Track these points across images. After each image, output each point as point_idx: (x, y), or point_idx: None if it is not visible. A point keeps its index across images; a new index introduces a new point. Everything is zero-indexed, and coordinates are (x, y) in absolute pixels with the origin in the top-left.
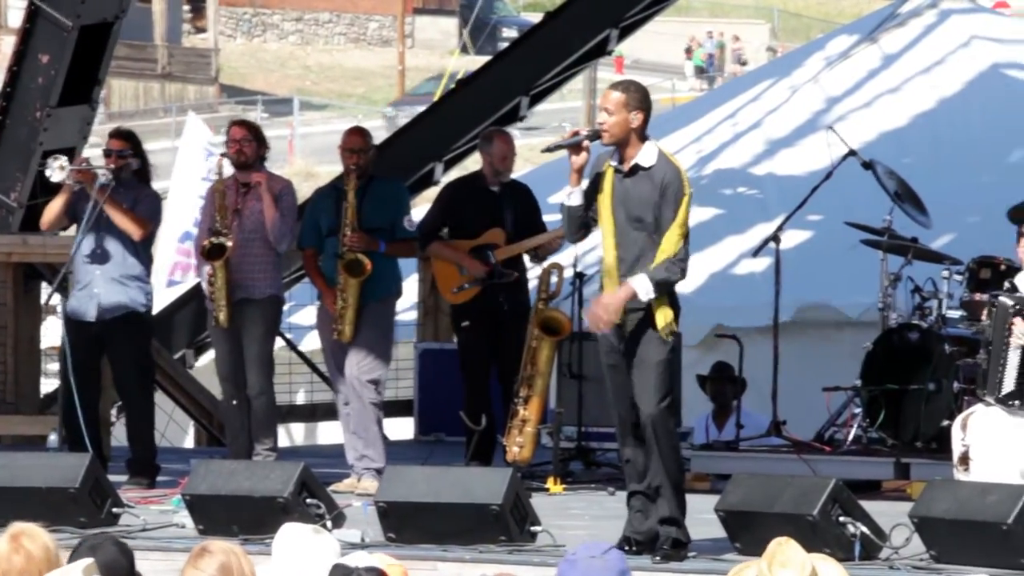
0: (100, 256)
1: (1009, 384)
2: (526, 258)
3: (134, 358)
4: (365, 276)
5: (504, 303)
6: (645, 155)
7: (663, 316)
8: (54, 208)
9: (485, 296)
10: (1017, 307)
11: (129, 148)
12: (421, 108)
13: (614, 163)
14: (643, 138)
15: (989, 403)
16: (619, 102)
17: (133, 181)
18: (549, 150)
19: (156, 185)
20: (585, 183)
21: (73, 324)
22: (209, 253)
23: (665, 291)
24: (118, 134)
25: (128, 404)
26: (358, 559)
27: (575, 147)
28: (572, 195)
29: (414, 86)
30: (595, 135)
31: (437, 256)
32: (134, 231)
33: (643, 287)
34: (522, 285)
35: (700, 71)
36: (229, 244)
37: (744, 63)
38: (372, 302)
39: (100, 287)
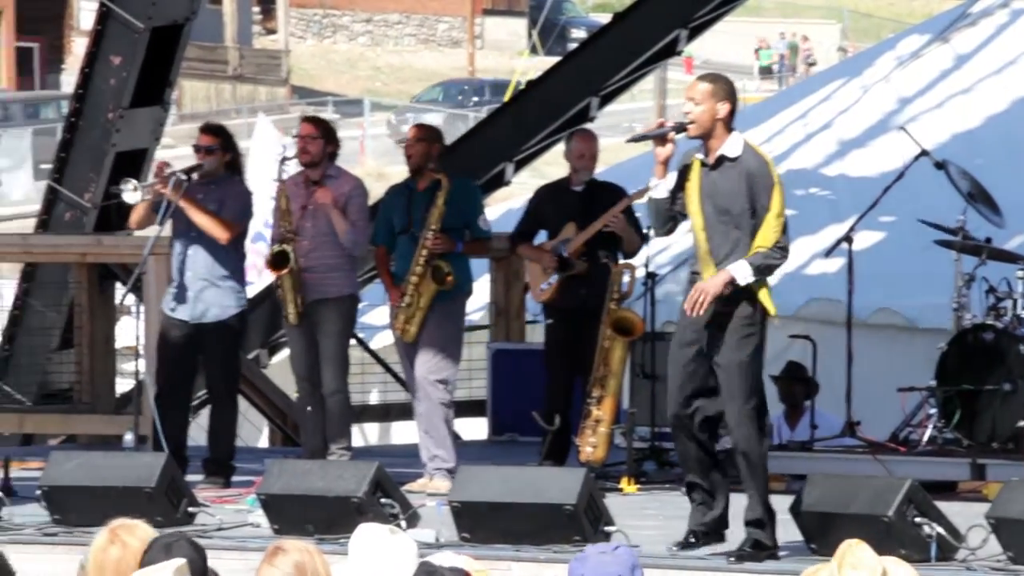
0: (190, 257)
1: None
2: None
3: (225, 362)
4: (445, 287)
5: (585, 298)
6: (730, 146)
7: (767, 298)
8: (140, 209)
9: (566, 294)
10: None
11: (218, 143)
12: (427, 115)
13: (700, 156)
14: (729, 130)
15: None
16: (706, 92)
17: (224, 176)
18: (635, 140)
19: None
20: (672, 176)
21: (166, 321)
22: (273, 262)
23: (765, 277)
24: (207, 129)
25: (215, 405)
26: (444, 559)
27: (661, 138)
28: (658, 187)
29: (418, 92)
30: (681, 127)
31: (524, 257)
32: (219, 234)
33: (742, 272)
34: (598, 284)
35: (766, 72)
36: (291, 252)
37: (813, 63)
38: (442, 301)
39: (192, 289)
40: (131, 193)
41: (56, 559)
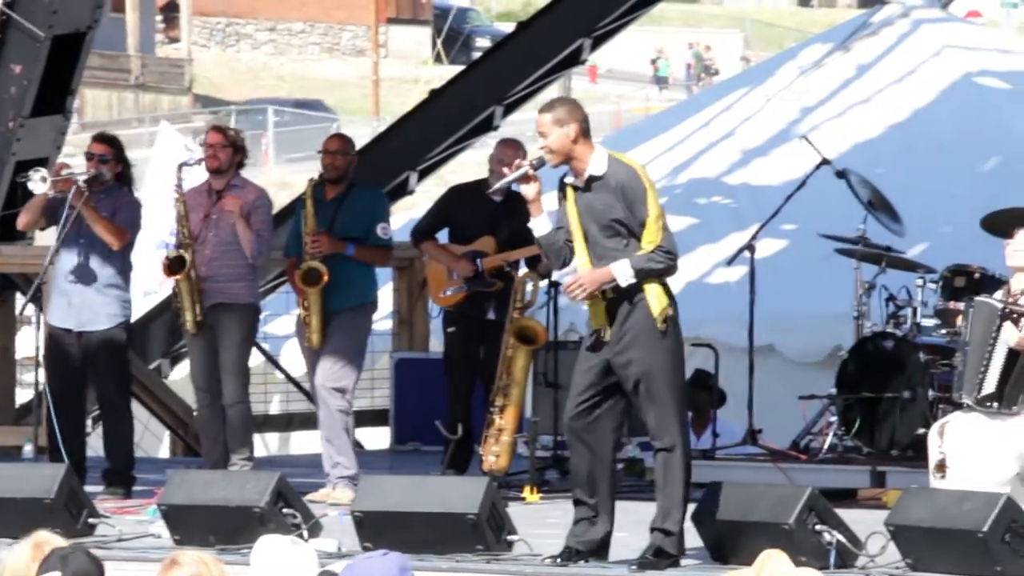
0: (78, 264)
1: (991, 385)
2: (523, 271)
3: (113, 371)
4: (321, 285)
5: (490, 312)
6: (595, 164)
7: (656, 299)
8: (31, 211)
9: (471, 303)
10: (1006, 309)
11: (111, 153)
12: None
13: (570, 180)
14: (589, 147)
15: (966, 403)
16: (550, 121)
17: (114, 187)
18: (500, 188)
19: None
20: (546, 213)
21: (53, 332)
22: (170, 267)
23: (648, 278)
24: (101, 138)
25: (107, 415)
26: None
27: (523, 178)
28: (539, 225)
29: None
30: (540, 162)
31: (429, 254)
32: (113, 240)
33: (623, 272)
34: (509, 298)
35: (662, 81)
36: (188, 257)
37: (715, 73)
38: (344, 310)
39: (78, 297)
40: (39, 183)
41: None
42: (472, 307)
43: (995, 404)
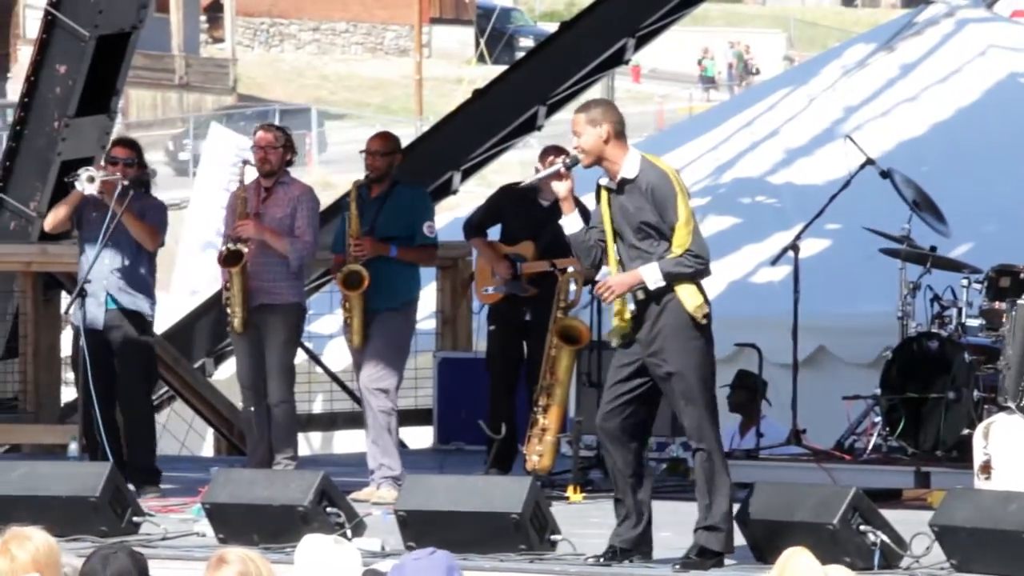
0: (105, 265)
1: None
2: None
3: (136, 369)
4: (362, 289)
5: (527, 314)
6: (628, 167)
7: (690, 297)
8: (61, 211)
9: (509, 305)
10: None
11: (133, 156)
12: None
13: (603, 182)
14: (622, 149)
15: (1011, 410)
16: (584, 121)
17: (139, 190)
18: (529, 185)
19: (181, 194)
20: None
21: (89, 334)
22: (226, 260)
23: (677, 282)
24: (123, 142)
25: (129, 413)
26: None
27: (556, 176)
28: (569, 223)
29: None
30: (573, 161)
31: (478, 251)
32: (148, 242)
33: (651, 275)
34: (547, 301)
35: (709, 81)
36: (246, 251)
37: (756, 72)
38: (385, 310)
39: (103, 295)
40: (87, 183)
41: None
42: (509, 308)
43: None
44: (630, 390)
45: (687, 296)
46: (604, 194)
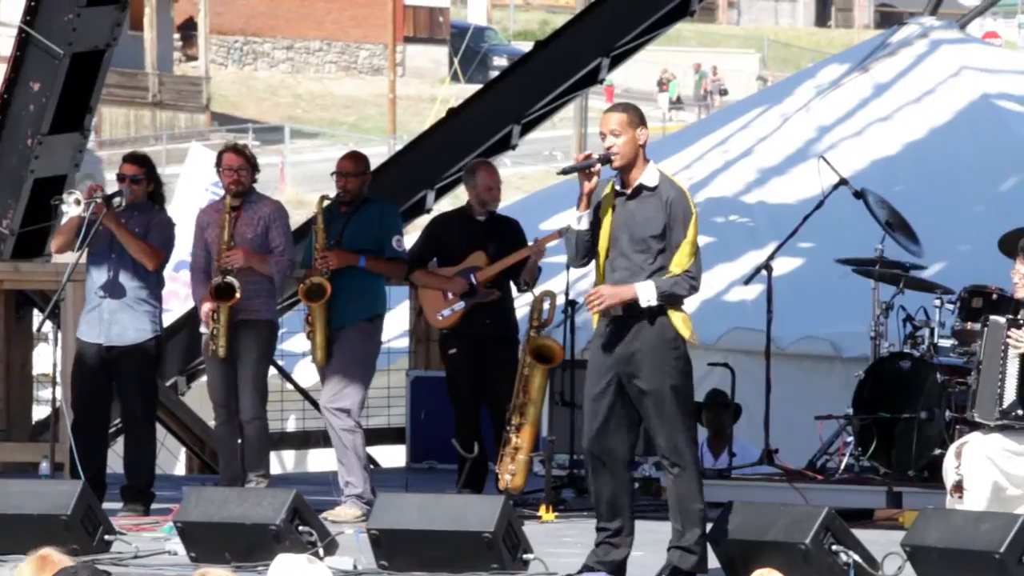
0: (109, 280)
1: (1010, 394)
2: (513, 289)
3: (140, 386)
4: (324, 300)
5: (491, 326)
6: (648, 176)
7: (683, 324)
8: (64, 234)
9: (470, 321)
10: (1011, 320)
11: (143, 172)
12: None
13: (617, 187)
14: (646, 159)
15: (983, 423)
16: (624, 121)
17: (146, 205)
18: (564, 172)
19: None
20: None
21: (80, 347)
22: (219, 294)
23: (670, 303)
24: (132, 158)
25: (131, 433)
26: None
27: (587, 171)
28: (582, 219)
29: None
30: (606, 159)
31: (421, 284)
32: (147, 261)
33: (646, 292)
34: (508, 312)
35: (676, 103)
36: (238, 284)
37: (725, 92)
38: (349, 325)
39: (108, 311)
40: (72, 205)
41: None
42: (471, 325)
43: (1019, 412)
44: (614, 413)
45: (680, 322)
46: (611, 197)
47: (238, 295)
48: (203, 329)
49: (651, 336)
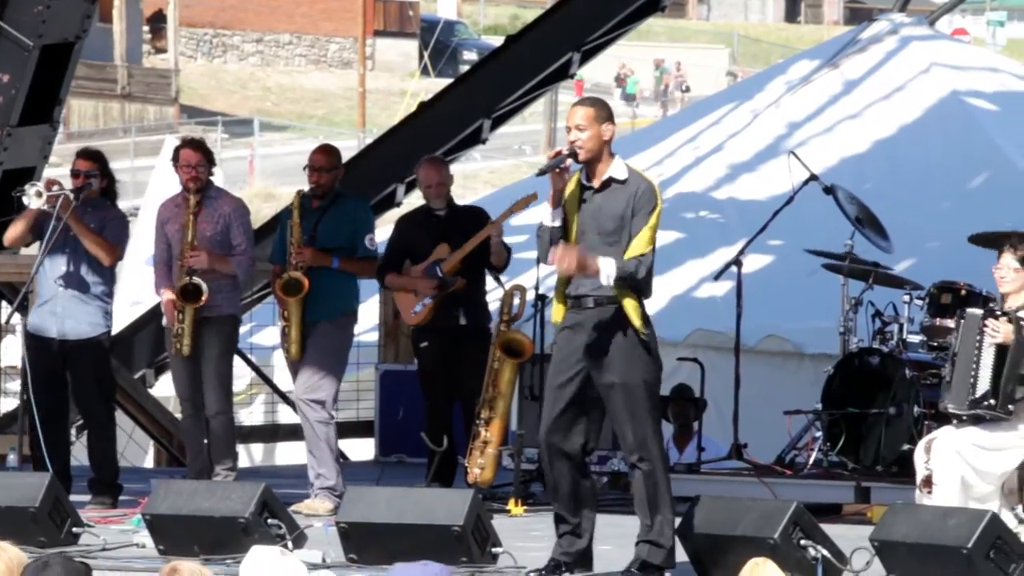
0: (64, 274)
1: (984, 384)
2: (489, 281)
3: (96, 379)
4: (301, 295)
5: (461, 317)
6: (616, 169)
7: (634, 313)
8: (20, 226)
9: (443, 313)
10: (987, 311)
11: (96, 168)
12: None
13: (582, 180)
14: (612, 153)
15: (956, 414)
16: (590, 116)
17: (101, 202)
18: (541, 173)
19: (118, 205)
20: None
21: (34, 340)
22: (186, 295)
23: (626, 285)
24: (85, 154)
25: (90, 424)
26: None
27: (559, 169)
28: (555, 216)
29: None
30: (572, 154)
31: (393, 287)
32: (104, 257)
33: (607, 268)
34: (480, 305)
35: (630, 99)
36: (204, 286)
37: (687, 90)
38: (323, 320)
39: (62, 305)
40: (34, 198)
41: None
42: (443, 318)
43: (991, 402)
44: (573, 403)
45: (633, 312)
46: (576, 191)
47: (204, 298)
48: (164, 323)
49: (617, 329)
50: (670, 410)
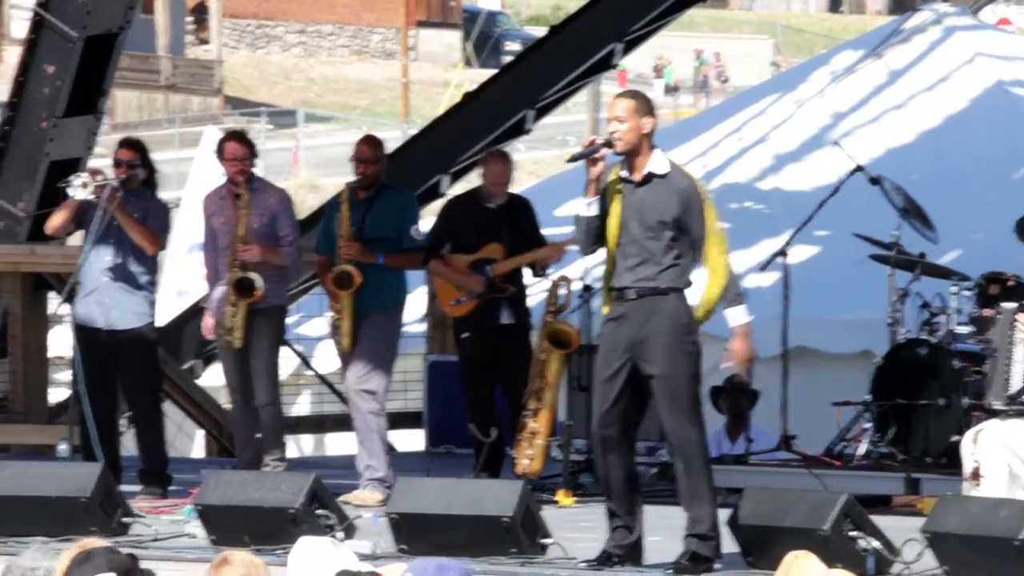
0: (109, 264)
1: (1018, 379)
2: (527, 273)
3: (143, 370)
4: (353, 289)
5: (504, 316)
6: (657, 163)
7: (677, 300)
8: (62, 215)
9: (484, 308)
10: (1020, 306)
11: (138, 158)
12: None
13: (623, 173)
14: (652, 146)
15: (996, 408)
16: (630, 108)
17: (142, 191)
18: (573, 160)
19: (160, 196)
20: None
21: (82, 331)
22: (240, 289)
23: (674, 287)
24: (128, 143)
25: (138, 414)
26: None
27: (592, 157)
28: (591, 206)
29: None
30: (608, 143)
31: (437, 274)
32: (148, 246)
33: (740, 316)
34: (522, 304)
35: (673, 90)
36: (257, 280)
37: (726, 80)
38: (374, 312)
39: (107, 295)
40: (80, 189)
41: None
42: (485, 314)
43: None
44: (622, 395)
45: (676, 302)
46: (618, 185)
47: (259, 293)
48: (208, 319)
49: (665, 321)
50: (722, 401)
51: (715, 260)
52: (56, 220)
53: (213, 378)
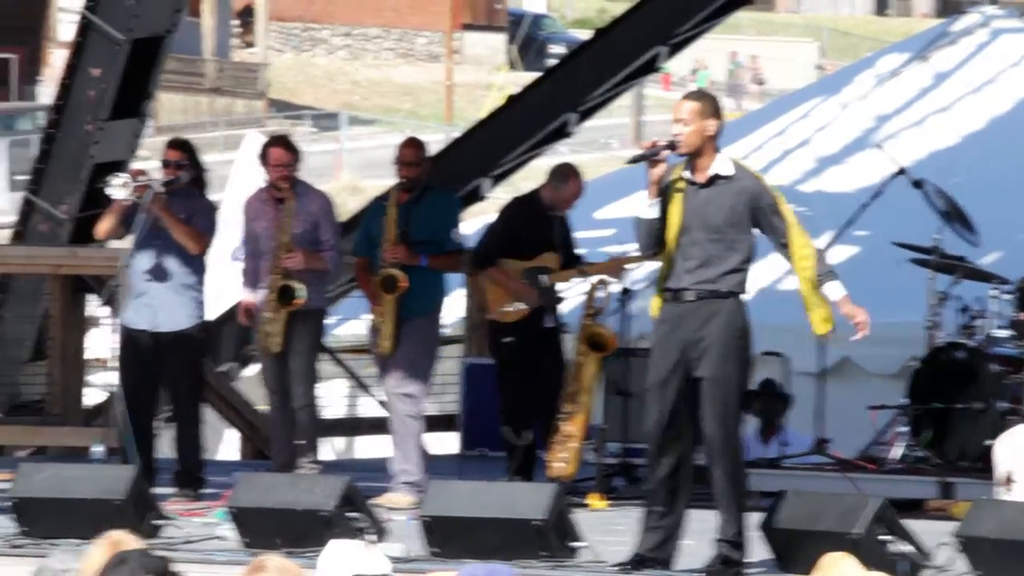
0: (155, 266)
1: None
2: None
3: (190, 370)
4: (399, 292)
5: (547, 320)
6: (722, 165)
7: (736, 305)
8: (110, 219)
9: (533, 317)
10: None
11: (185, 158)
12: None
13: (686, 175)
14: (716, 148)
15: None
16: (695, 111)
17: (188, 191)
18: (633, 161)
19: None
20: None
21: (129, 334)
22: (283, 296)
23: (737, 291)
24: (175, 144)
25: (180, 417)
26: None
27: (654, 158)
28: (652, 207)
29: None
30: (670, 146)
31: (493, 282)
32: (192, 246)
33: (839, 289)
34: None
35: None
36: (300, 288)
37: (762, 83)
38: (415, 316)
39: (155, 297)
40: (119, 189)
41: (23, 571)
42: (530, 321)
43: None
44: (679, 398)
45: (736, 307)
46: (681, 186)
47: (299, 301)
48: (243, 319)
49: (720, 324)
50: (756, 405)
51: (801, 245)
52: (104, 224)
53: (248, 381)
